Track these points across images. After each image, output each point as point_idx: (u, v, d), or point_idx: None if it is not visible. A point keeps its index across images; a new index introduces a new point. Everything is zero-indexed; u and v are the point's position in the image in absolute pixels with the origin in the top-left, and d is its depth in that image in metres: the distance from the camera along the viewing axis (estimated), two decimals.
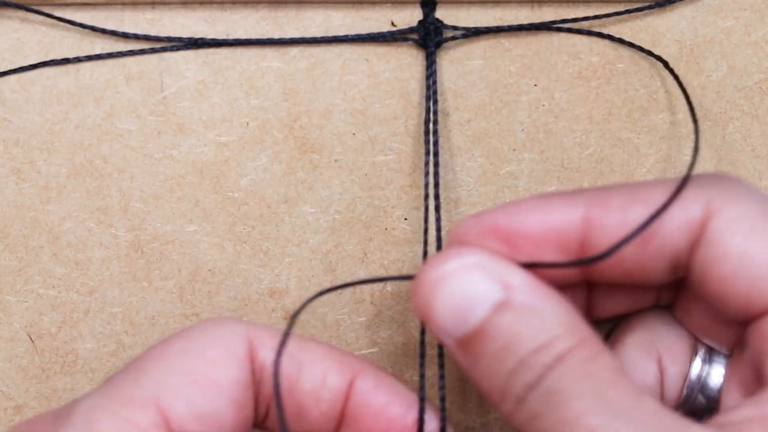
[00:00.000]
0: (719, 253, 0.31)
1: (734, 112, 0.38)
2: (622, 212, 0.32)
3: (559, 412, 0.29)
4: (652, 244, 0.32)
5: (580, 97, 0.38)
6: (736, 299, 0.31)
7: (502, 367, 0.30)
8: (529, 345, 0.30)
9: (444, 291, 0.31)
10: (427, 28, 0.37)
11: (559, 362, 0.30)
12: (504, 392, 0.30)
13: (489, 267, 0.31)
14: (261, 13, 0.37)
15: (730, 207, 0.31)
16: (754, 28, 0.38)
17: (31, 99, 0.36)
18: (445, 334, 0.31)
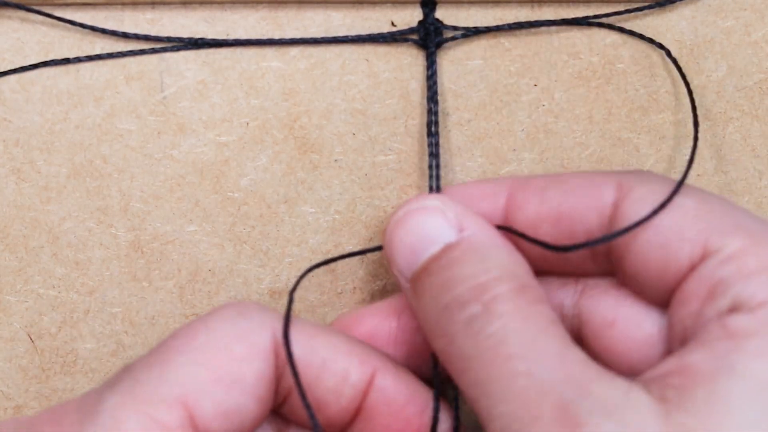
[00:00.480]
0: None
1: (734, 112, 0.38)
2: (540, 193, 0.33)
3: (487, 353, 0.29)
4: (564, 226, 0.33)
5: (580, 97, 0.38)
6: (651, 270, 0.32)
7: (439, 303, 0.31)
8: (466, 283, 0.31)
9: (402, 229, 0.33)
10: (427, 28, 0.37)
11: (493, 302, 0.30)
12: (436, 328, 0.31)
13: (447, 210, 0.32)
14: (261, 13, 0.37)
15: (640, 186, 0.32)
16: (754, 28, 0.38)
17: (31, 99, 0.36)
18: (402, 275, 0.33)
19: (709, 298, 0.31)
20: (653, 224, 0.32)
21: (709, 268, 0.31)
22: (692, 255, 0.31)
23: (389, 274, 0.37)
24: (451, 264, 0.31)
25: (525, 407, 0.28)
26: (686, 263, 0.31)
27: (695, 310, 0.31)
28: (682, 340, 0.31)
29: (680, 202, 0.32)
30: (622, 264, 0.33)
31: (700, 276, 0.31)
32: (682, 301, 0.31)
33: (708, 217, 0.31)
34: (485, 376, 0.29)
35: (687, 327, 0.31)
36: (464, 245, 0.32)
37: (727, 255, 0.31)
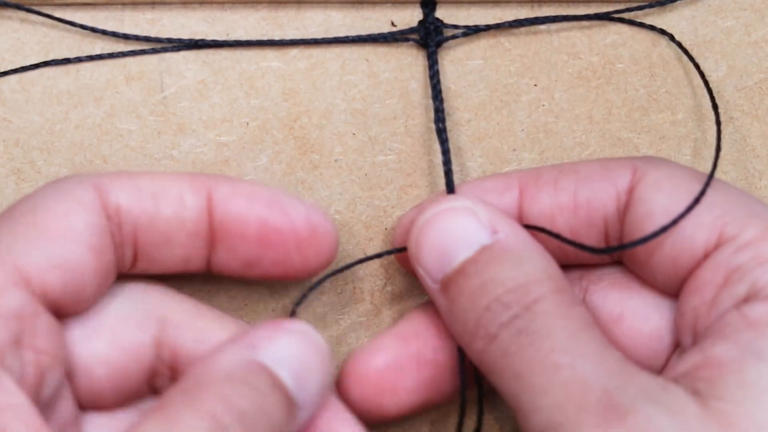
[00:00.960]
0: (645, 212, 0.32)
1: (734, 112, 0.38)
2: (553, 184, 0.34)
3: (529, 349, 0.30)
4: (581, 215, 0.33)
5: (580, 97, 0.38)
6: (664, 256, 0.32)
7: (477, 303, 0.31)
8: (507, 285, 0.31)
9: (432, 231, 0.32)
10: (427, 27, 0.37)
11: (535, 303, 0.30)
12: (476, 329, 0.31)
13: (479, 211, 0.32)
14: (261, 13, 0.37)
15: (655, 171, 0.33)
16: (754, 28, 0.38)
17: (31, 99, 0.36)
18: (430, 276, 0.32)
19: (724, 286, 0.31)
20: (668, 210, 0.32)
21: (724, 256, 0.31)
22: (708, 242, 0.31)
23: (389, 274, 0.37)
24: (489, 266, 0.31)
25: (570, 397, 0.28)
26: (701, 250, 0.32)
27: (710, 298, 0.31)
28: (693, 329, 0.32)
29: (695, 190, 0.32)
30: (634, 251, 0.33)
31: (716, 263, 0.31)
32: (696, 289, 0.32)
33: (723, 205, 0.32)
34: (528, 369, 0.29)
35: (700, 315, 0.31)
36: (499, 247, 0.32)
37: (743, 242, 0.31)
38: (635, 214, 0.32)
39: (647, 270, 0.33)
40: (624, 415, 0.28)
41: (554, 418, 0.28)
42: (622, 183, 0.33)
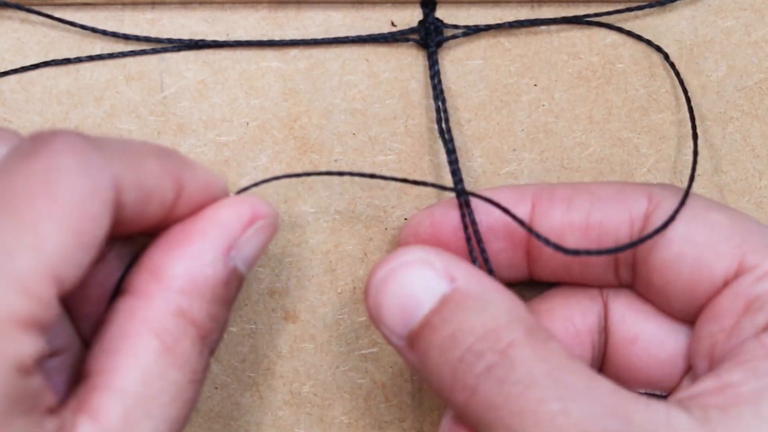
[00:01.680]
0: (662, 241, 0.32)
1: (734, 112, 0.38)
2: (567, 202, 0.33)
3: (517, 401, 0.29)
4: (592, 236, 0.33)
5: (580, 97, 0.38)
6: (681, 284, 0.32)
7: (451, 356, 0.30)
8: (476, 332, 0.30)
9: (390, 289, 0.32)
10: (427, 27, 0.37)
11: (509, 349, 0.30)
12: (453, 383, 0.30)
13: (432, 261, 0.32)
14: (261, 13, 0.37)
15: (672, 199, 0.33)
16: (754, 28, 0.38)
17: (31, 99, 0.36)
18: (394, 333, 0.32)
19: (745, 314, 0.31)
20: (687, 238, 0.32)
21: (745, 285, 0.31)
22: (728, 271, 0.31)
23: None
24: (454, 315, 0.31)
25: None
26: (721, 279, 0.32)
27: (729, 325, 0.31)
28: (710, 356, 0.31)
29: (714, 218, 0.32)
30: (650, 276, 0.33)
31: (736, 292, 0.31)
32: (715, 316, 0.31)
33: (742, 234, 0.32)
34: (520, 423, 0.28)
35: (718, 343, 0.31)
36: (460, 294, 0.31)
37: (764, 271, 0.31)
38: (651, 242, 0.32)
39: (662, 296, 0.33)
40: None
41: None
42: (637, 209, 0.33)
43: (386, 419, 0.37)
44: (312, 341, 0.37)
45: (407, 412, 0.38)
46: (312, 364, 0.37)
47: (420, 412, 0.37)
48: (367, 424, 0.37)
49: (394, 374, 0.37)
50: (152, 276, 0.30)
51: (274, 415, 0.37)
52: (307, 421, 0.37)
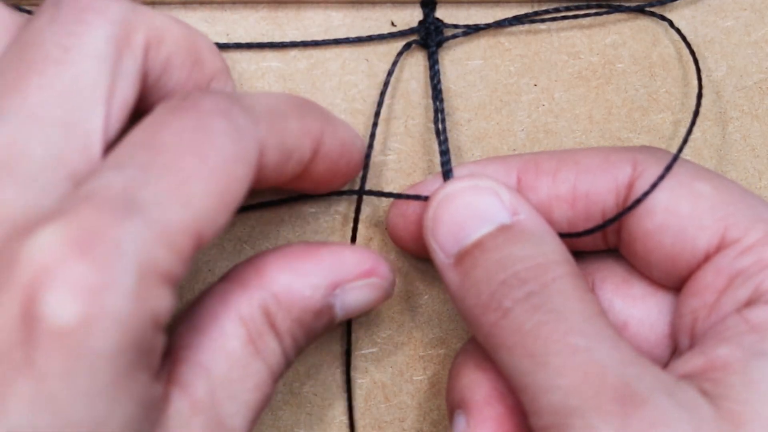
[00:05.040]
0: (645, 210, 0.32)
1: (734, 112, 0.38)
2: (552, 174, 0.33)
3: (545, 328, 0.29)
4: (579, 207, 0.33)
5: (580, 97, 0.38)
6: (663, 254, 0.32)
7: (494, 277, 0.31)
8: (525, 262, 0.31)
9: (452, 206, 0.32)
10: (427, 27, 0.37)
11: (553, 282, 0.30)
12: (489, 302, 0.31)
13: (501, 192, 0.32)
14: (261, 13, 0.37)
15: (656, 167, 0.33)
16: (754, 28, 0.38)
17: None
18: (444, 250, 0.32)
19: (726, 290, 0.31)
20: (669, 209, 0.32)
21: (727, 259, 0.31)
22: (709, 244, 0.31)
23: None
24: (508, 243, 0.31)
25: (586, 381, 0.28)
26: (702, 251, 0.32)
27: (711, 301, 0.31)
28: (692, 331, 0.32)
29: (699, 188, 0.32)
30: (633, 244, 0.33)
31: (718, 267, 0.31)
32: (696, 291, 0.32)
33: (726, 206, 0.32)
34: (543, 348, 0.29)
35: (699, 318, 0.31)
36: (519, 228, 0.32)
37: (746, 246, 0.31)
38: (636, 210, 0.32)
39: (645, 264, 0.33)
40: (641, 404, 0.28)
41: (569, 402, 0.28)
42: (623, 177, 0.33)
43: (386, 419, 0.37)
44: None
45: (407, 412, 0.38)
46: (312, 364, 0.37)
47: (420, 412, 0.37)
48: (367, 424, 0.37)
49: (394, 374, 0.37)
50: (255, 272, 0.31)
51: (275, 415, 0.37)
52: (307, 421, 0.37)
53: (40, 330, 0.24)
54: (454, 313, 0.37)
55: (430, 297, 0.37)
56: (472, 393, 0.32)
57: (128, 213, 0.25)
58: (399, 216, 0.35)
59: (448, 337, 0.37)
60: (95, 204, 0.25)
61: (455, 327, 0.37)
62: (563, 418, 0.28)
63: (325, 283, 0.31)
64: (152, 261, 0.25)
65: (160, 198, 0.26)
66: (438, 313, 0.37)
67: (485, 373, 0.32)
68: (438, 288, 0.37)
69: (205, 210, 0.27)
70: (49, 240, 0.24)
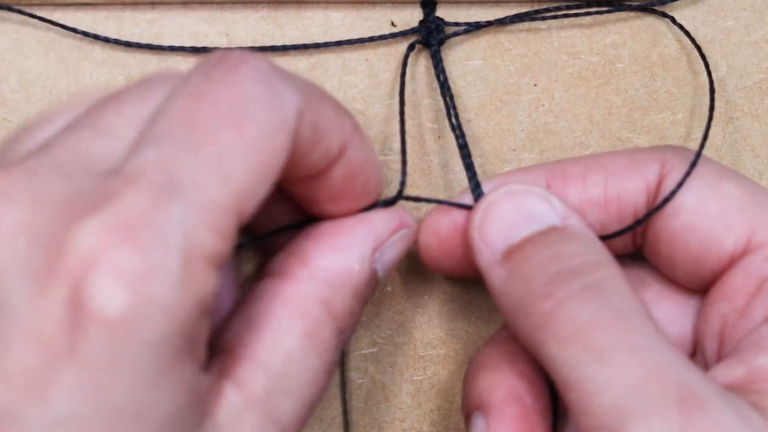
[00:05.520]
0: (673, 209, 0.32)
1: (734, 112, 0.38)
2: (581, 179, 0.33)
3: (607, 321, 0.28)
4: (612, 210, 0.33)
5: (580, 97, 0.38)
6: (688, 254, 0.32)
7: (547, 269, 0.30)
8: (579, 257, 0.30)
9: (504, 206, 0.32)
10: (428, 27, 0.37)
11: (610, 279, 0.30)
12: (543, 291, 0.30)
13: (552, 200, 0.32)
14: (261, 13, 0.37)
15: (682, 165, 0.32)
16: (754, 28, 0.38)
17: (31, 99, 0.36)
18: (491, 247, 0.32)
19: (757, 295, 0.31)
20: (697, 209, 0.32)
21: (756, 263, 0.31)
22: (735, 245, 0.31)
23: (389, 276, 0.37)
24: (561, 241, 0.31)
25: (648, 382, 0.27)
26: (728, 254, 0.31)
27: (740, 305, 0.31)
28: (720, 338, 0.31)
29: (725, 189, 0.32)
30: (658, 244, 0.33)
31: (746, 271, 0.31)
32: (725, 295, 0.31)
33: (753, 208, 0.31)
34: (602, 343, 0.28)
35: (729, 323, 0.31)
36: (570, 230, 0.31)
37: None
38: (662, 210, 0.32)
39: (669, 265, 0.33)
40: (702, 408, 0.27)
41: (628, 402, 0.27)
42: (652, 176, 0.33)
43: (386, 419, 0.37)
44: None
45: (407, 412, 0.38)
46: None
47: (420, 412, 0.37)
48: (367, 424, 0.37)
49: (394, 374, 0.37)
50: (301, 263, 0.30)
51: None
52: (308, 421, 0.37)
53: (86, 318, 0.24)
54: (454, 313, 0.37)
55: (430, 297, 0.37)
56: (490, 394, 0.32)
57: (170, 196, 0.25)
58: (432, 235, 0.34)
59: (448, 337, 0.37)
60: (137, 187, 0.25)
61: (455, 327, 0.37)
62: (620, 418, 0.27)
63: (368, 251, 0.31)
64: (197, 244, 0.25)
65: (200, 177, 0.25)
66: (438, 313, 0.37)
67: (504, 375, 0.32)
68: (438, 288, 0.37)
69: (245, 186, 0.26)
70: (96, 227, 0.24)
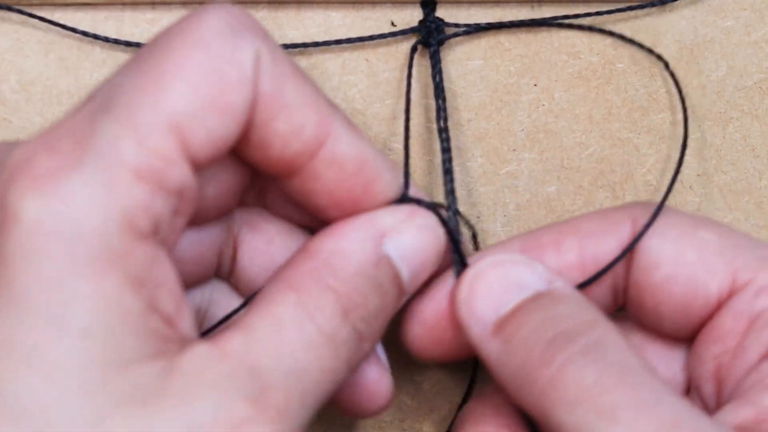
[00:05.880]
0: (652, 263, 0.32)
1: (734, 112, 0.38)
2: (555, 246, 0.33)
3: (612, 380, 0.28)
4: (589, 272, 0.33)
5: (580, 97, 0.38)
6: (674, 304, 0.32)
7: (542, 335, 0.30)
8: (572, 319, 0.30)
9: (489, 277, 0.32)
10: (428, 26, 0.37)
11: (606, 336, 0.29)
12: (542, 359, 0.29)
13: (535, 265, 0.32)
14: (261, 13, 0.37)
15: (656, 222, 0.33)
16: (754, 28, 0.38)
17: (31, 99, 0.36)
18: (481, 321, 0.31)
19: (748, 333, 0.31)
20: (677, 259, 0.32)
21: (743, 302, 0.31)
22: (721, 288, 0.31)
23: None
24: (551, 304, 0.31)
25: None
26: (715, 297, 0.31)
27: (733, 345, 0.31)
28: (717, 378, 0.31)
29: (703, 236, 0.32)
30: (642, 299, 0.33)
31: (735, 310, 0.31)
32: (717, 338, 0.31)
33: (733, 250, 0.32)
34: (613, 403, 0.28)
35: (724, 364, 0.31)
36: (557, 293, 0.31)
37: (760, 287, 0.31)
38: (642, 264, 0.32)
39: (655, 318, 0.33)
40: None
41: None
42: (625, 235, 0.33)
43: (386, 419, 0.37)
44: None
45: (407, 412, 0.37)
46: None
47: (420, 412, 0.37)
48: (367, 424, 0.37)
49: (394, 374, 0.37)
50: (302, 253, 0.30)
51: None
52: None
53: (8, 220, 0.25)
54: None
55: None
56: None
57: (103, 113, 0.26)
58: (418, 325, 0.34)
59: None
60: (79, 111, 0.27)
61: None
62: None
63: (370, 234, 0.30)
64: (119, 155, 0.25)
65: (133, 96, 0.26)
66: None
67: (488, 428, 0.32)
68: None
69: (184, 109, 0.26)
70: (31, 143, 0.26)
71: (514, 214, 0.38)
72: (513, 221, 0.38)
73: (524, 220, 0.38)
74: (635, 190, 0.38)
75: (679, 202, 0.38)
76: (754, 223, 0.38)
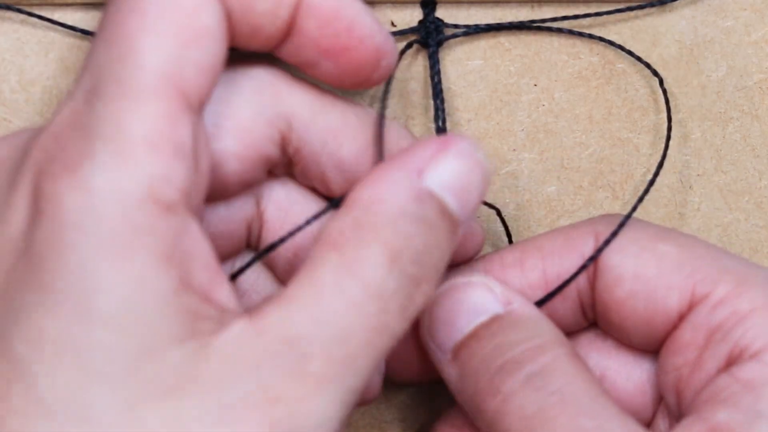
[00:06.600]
0: (614, 279, 0.32)
1: (734, 112, 0.38)
2: (519, 266, 0.33)
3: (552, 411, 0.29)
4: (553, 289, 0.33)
5: (580, 97, 0.38)
6: (637, 320, 0.32)
7: (491, 363, 0.30)
8: (522, 345, 0.30)
9: (446, 302, 0.32)
10: (427, 27, 0.37)
11: (554, 362, 0.30)
12: (489, 387, 0.30)
13: (494, 286, 0.32)
14: None
15: (618, 236, 0.33)
16: (754, 28, 0.38)
17: (31, 99, 0.36)
18: (440, 347, 0.32)
19: (706, 347, 0.31)
20: (637, 275, 0.32)
21: (702, 316, 0.31)
22: (680, 303, 0.32)
23: None
24: (503, 330, 0.31)
25: None
26: (675, 312, 0.32)
27: (692, 358, 0.31)
28: (677, 390, 0.32)
29: (662, 250, 0.32)
30: (608, 314, 0.33)
31: (694, 324, 0.31)
32: (677, 350, 0.32)
33: (692, 263, 0.32)
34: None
35: (683, 376, 0.31)
36: (513, 316, 0.31)
37: (717, 300, 0.31)
38: (605, 281, 0.33)
39: (623, 333, 0.33)
40: None
41: None
42: (588, 251, 0.33)
43: (386, 419, 0.37)
44: None
45: (407, 412, 0.38)
46: None
47: (420, 412, 0.37)
48: (367, 424, 0.37)
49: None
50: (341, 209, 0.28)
51: None
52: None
53: (42, 203, 0.25)
54: None
55: None
56: None
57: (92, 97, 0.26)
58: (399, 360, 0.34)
59: None
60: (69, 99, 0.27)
61: None
62: None
63: (406, 172, 0.28)
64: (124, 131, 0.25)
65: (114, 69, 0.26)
66: None
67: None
68: None
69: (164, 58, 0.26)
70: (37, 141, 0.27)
71: (514, 214, 0.38)
72: (513, 221, 0.38)
73: (524, 220, 0.38)
74: (635, 190, 0.38)
75: (679, 202, 0.38)
76: (754, 223, 0.38)
